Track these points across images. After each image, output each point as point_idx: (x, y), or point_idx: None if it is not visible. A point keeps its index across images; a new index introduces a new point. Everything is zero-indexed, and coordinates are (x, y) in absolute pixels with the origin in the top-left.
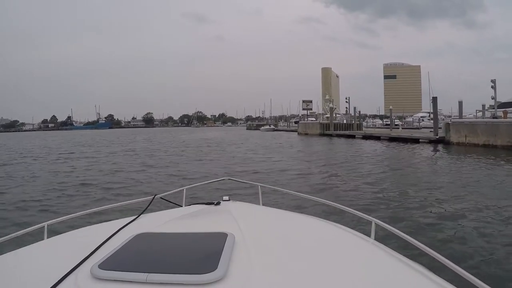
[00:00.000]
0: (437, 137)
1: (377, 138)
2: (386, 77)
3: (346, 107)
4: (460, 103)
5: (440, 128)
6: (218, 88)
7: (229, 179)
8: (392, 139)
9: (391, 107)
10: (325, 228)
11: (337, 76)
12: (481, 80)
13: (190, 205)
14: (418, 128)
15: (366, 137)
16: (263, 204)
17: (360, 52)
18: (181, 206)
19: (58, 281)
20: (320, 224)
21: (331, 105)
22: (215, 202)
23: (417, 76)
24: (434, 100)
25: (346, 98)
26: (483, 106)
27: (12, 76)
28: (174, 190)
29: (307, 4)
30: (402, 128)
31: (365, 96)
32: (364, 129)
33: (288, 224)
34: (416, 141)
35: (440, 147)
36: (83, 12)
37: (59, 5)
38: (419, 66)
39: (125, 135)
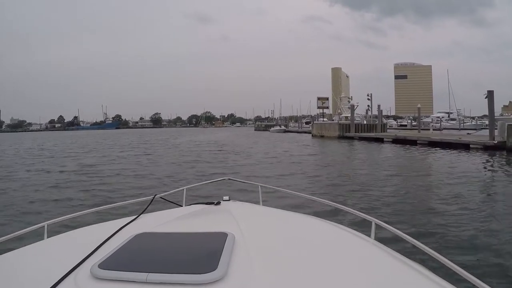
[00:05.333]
0: (495, 142)
1: (413, 142)
2: (396, 77)
3: (368, 105)
4: None
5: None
6: (227, 89)
7: (229, 179)
8: (432, 144)
9: (419, 105)
10: (325, 228)
11: (347, 76)
12: (490, 79)
13: (190, 205)
14: (440, 130)
15: (398, 141)
16: (263, 204)
17: (367, 52)
18: (181, 206)
19: (58, 281)
20: (320, 224)
21: (351, 102)
22: (215, 202)
23: (428, 76)
24: (490, 94)
25: (367, 95)
26: None
27: (22, 77)
28: (174, 190)
29: (311, 3)
30: (421, 129)
31: (373, 96)
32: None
33: (288, 224)
34: (465, 146)
35: (502, 155)
36: (91, 14)
37: (67, 7)
38: (430, 66)
39: (116, 137)
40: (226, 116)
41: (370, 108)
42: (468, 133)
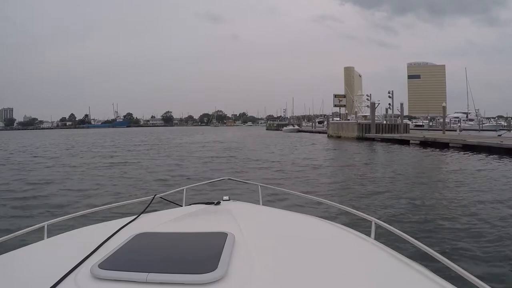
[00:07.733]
0: None
1: (444, 145)
2: (410, 76)
3: (389, 103)
4: None
5: None
6: (239, 88)
7: (229, 179)
8: (468, 148)
9: (444, 104)
10: (325, 228)
11: (360, 76)
12: (503, 79)
13: (190, 205)
14: (460, 130)
15: (427, 143)
16: (263, 204)
17: (379, 51)
18: (181, 206)
19: (58, 281)
20: (320, 224)
21: (370, 99)
22: (215, 202)
23: (442, 75)
24: None
25: (389, 92)
26: None
27: (34, 77)
28: (174, 190)
29: (321, 2)
30: (441, 130)
31: (385, 95)
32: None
33: (288, 224)
34: (508, 151)
35: None
36: (102, 13)
37: (78, 7)
38: (444, 65)
39: (103, 137)
40: (237, 115)
41: (391, 107)
42: (498, 135)
